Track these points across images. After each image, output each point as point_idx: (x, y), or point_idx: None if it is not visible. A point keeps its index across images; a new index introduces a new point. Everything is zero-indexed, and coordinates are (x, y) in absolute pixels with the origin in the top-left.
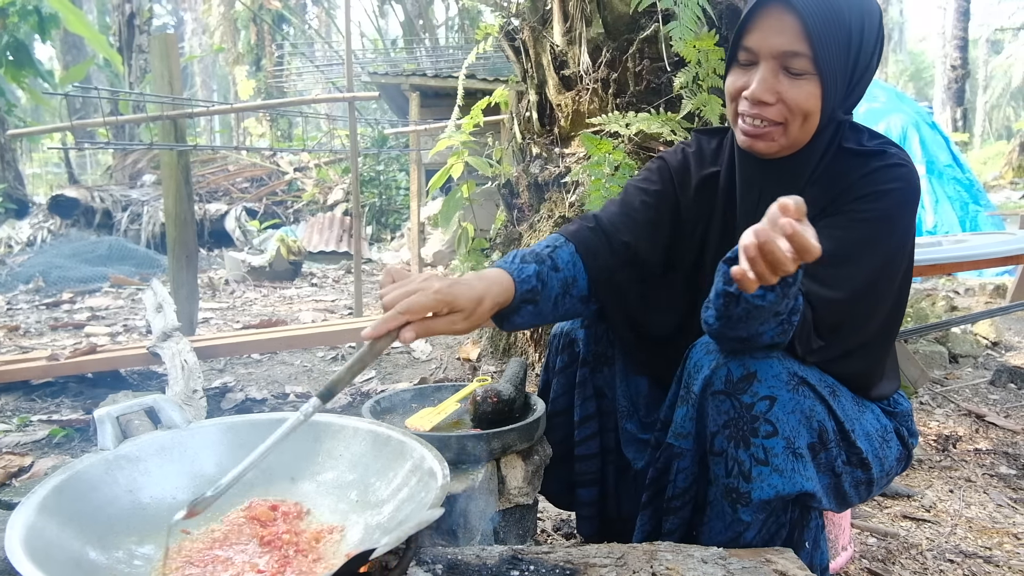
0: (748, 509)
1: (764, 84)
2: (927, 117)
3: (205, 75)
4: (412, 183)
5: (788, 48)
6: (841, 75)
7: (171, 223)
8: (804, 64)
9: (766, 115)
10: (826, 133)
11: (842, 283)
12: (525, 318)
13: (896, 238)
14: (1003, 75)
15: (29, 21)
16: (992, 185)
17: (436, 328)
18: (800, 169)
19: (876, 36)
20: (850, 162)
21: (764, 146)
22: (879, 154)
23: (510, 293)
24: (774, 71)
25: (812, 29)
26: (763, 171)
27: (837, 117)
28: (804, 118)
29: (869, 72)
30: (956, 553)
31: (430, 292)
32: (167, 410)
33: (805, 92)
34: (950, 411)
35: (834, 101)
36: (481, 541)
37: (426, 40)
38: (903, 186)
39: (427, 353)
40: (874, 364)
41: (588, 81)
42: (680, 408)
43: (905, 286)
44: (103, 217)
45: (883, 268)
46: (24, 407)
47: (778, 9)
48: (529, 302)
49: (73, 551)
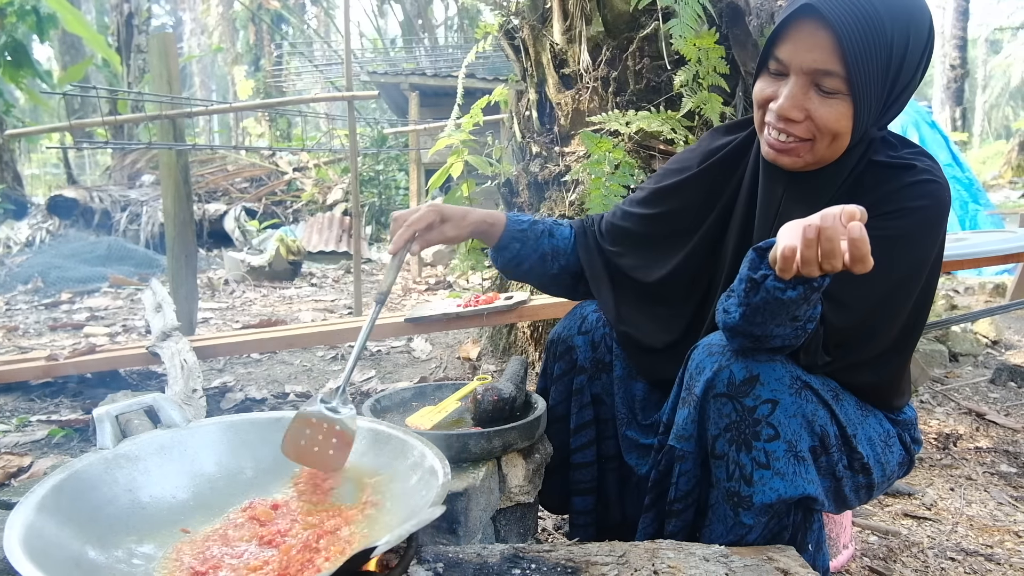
0: (750, 513)
1: (792, 100)
2: (926, 116)
3: (204, 75)
4: (412, 182)
5: (820, 67)
6: (876, 96)
7: (170, 223)
8: (837, 84)
9: (793, 132)
10: (856, 151)
11: (857, 303)
12: (512, 255)
13: (916, 256)
14: (1002, 74)
15: (27, 21)
16: (991, 184)
17: (432, 238)
18: (826, 184)
19: (923, 49)
20: (878, 175)
21: (789, 161)
22: (909, 168)
23: (499, 221)
24: (804, 88)
25: (848, 47)
26: (786, 184)
27: (870, 135)
28: (833, 138)
29: (911, 87)
30: (957, 551)
31: (424, 207)
32: (166, 409)
33: (836, 112)
34: (950, 409)
35: (867, 121)
36: (482, 540)
37: (425, 39)
38: (930, 203)
39: (427, 352)
40: (887, 378)
41: (588, 79)
42: (682, 410)
43: (925, 304)
44: (102, 217)
45: (899, 287)
46: (23, 407)
47: (812, 23)
48: (517, 240)
49: (72, 551)
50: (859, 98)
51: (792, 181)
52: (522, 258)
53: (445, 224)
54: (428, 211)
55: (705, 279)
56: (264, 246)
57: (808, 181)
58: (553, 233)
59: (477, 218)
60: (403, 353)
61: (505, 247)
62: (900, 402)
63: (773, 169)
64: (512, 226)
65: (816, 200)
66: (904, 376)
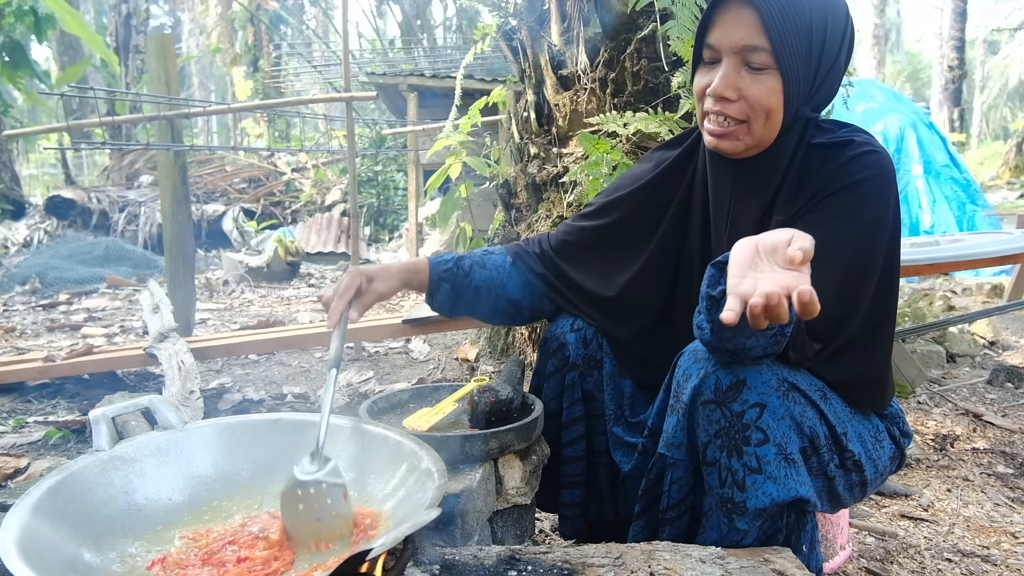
0: (744, 518)
1: (725, 80)
2: (924, 117)
3: (202, 75)
4: (410, 183)
5: (747, 42)
6: (803, 70)
7: (168, 224)
8: (764, 58)
9: (728, 112)
10: (793, 131)
11: (829, 281)
12: (446, 295)
13: (872, 220)
14: (1000, 75)
15: (25, 21)
16: (989, 185)
17: (366, 301)
18: (770, 168)
19: (843, 31)
20: (822, 156)
21: (730, 145)
22: (847, 144)
23: (423, 267)
24: (736, 67)
25: (770, 22)
26: (734, 174)
27: (803, 114)
28: (767, 115)
29: (837, 68)
30: (954, 552)
31: (346, 275)
32: (163, 411)
33: (767, 88)
34: (948, 410)
35: (798, 97)
36: (479, 541)
37: (424, 40)
38: (874, 172)
39: (425, 354)
40: (873, 367)
41: (586, 81)
42: (670, 418)
43: (892, 279)
44: (100, 218)
45: (861, 253)
46: (20, 408)
47: (737, 4)
48: (447, 280)
49: (68, 552)
50: (787, 71)
51: (739, 170)
52: (457, 295)
53: (373, 283)
54: (352, 278)
55: (668, 281)
56: (262, 247)
57: (753, 167)
58: (485, 264)
59: (400, 268)
60: (401, 354)
61: (436, 290)
62: (886, 397)
63: (720, 161)
64: (436, 268)
65: (765, 185)
66: (887, 370)
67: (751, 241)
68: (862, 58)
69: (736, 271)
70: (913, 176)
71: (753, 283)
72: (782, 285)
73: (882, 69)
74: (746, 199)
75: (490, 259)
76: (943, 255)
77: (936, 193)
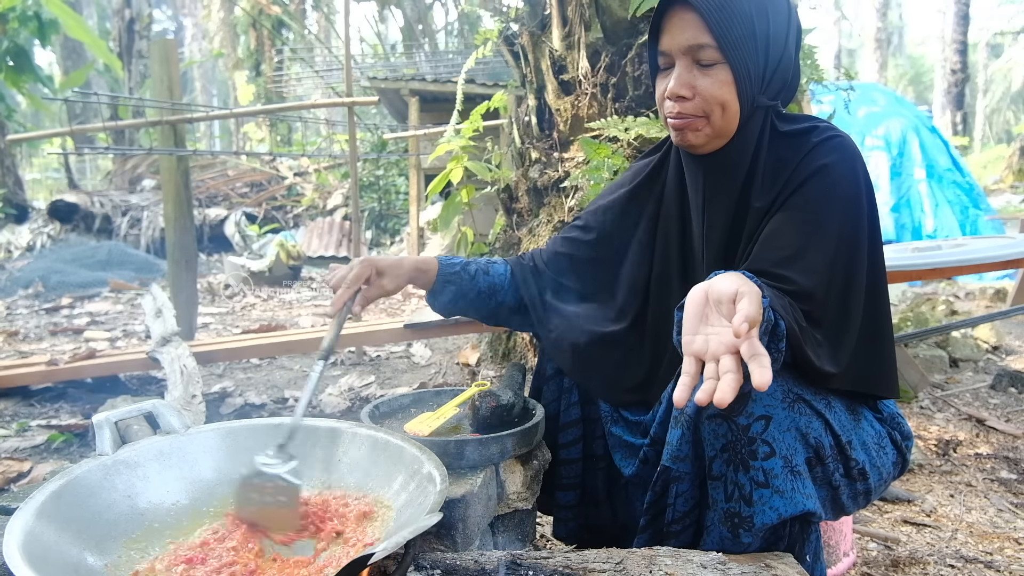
0: (750, 533)
1: (679, 80)
2: (927, 121)
3: (205, 80)
4: (411, 188)
5: (694, 41)
6: (752, 60)
7: (170, 228)
8: (712, 54)
9: (687, 110)
10: (754, 121)
11: (814, 268)
12: (448, 297)
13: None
14: (1003, 79)
15: (29, 26)
16: (992, 189)
17: (371, 294)
18: (737, 158)
19: (786, 21)
20: (788, 144)
21: (693, 137)
22: (811, 131)
23: (432, 266)
24: (687, 67)
25: (711, 19)
26: (704, 170)
27: (761, 103)
28: (722, 107)
29: (787, 58)
30: (957, 558)
31: (357, 263)
32: (166, 415)
33: (718, 81)
34: (950, 415)
35: (751, 87)
36: (480, 546)
37: (425, 45)
38: (841, 153)
39: (426, 358)
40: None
41: (587, 86)
42: (675, 430)
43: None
44: (103, 222)
45: (846, 223)
46: (23, 412)
47: (679, 9)
48: (451, 283)
49: (71, 556)
50: (735, 63)
51: (709, 166)
52: (458, 298)
53: (382, 278)
54: (363, 267)
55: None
56: (264, 251)
57: (721, 159)
58: (489, 271)
59: (411, 265)
60: (402, 358)
61: (440, 291)
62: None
63: (690, 159)
64: (445, 269)
65: (735, 175)
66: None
67: (702, 289)
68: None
69: (688, 327)
70: (916, 180)
71: (704, 341)
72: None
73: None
74: (718, 191)
75: (494, 267)
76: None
77: (939, 197)
